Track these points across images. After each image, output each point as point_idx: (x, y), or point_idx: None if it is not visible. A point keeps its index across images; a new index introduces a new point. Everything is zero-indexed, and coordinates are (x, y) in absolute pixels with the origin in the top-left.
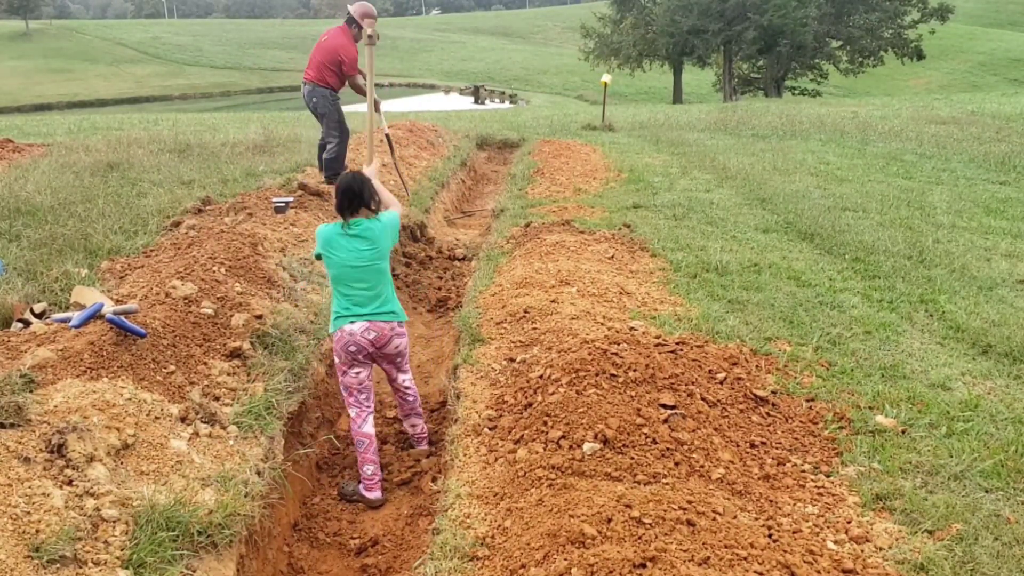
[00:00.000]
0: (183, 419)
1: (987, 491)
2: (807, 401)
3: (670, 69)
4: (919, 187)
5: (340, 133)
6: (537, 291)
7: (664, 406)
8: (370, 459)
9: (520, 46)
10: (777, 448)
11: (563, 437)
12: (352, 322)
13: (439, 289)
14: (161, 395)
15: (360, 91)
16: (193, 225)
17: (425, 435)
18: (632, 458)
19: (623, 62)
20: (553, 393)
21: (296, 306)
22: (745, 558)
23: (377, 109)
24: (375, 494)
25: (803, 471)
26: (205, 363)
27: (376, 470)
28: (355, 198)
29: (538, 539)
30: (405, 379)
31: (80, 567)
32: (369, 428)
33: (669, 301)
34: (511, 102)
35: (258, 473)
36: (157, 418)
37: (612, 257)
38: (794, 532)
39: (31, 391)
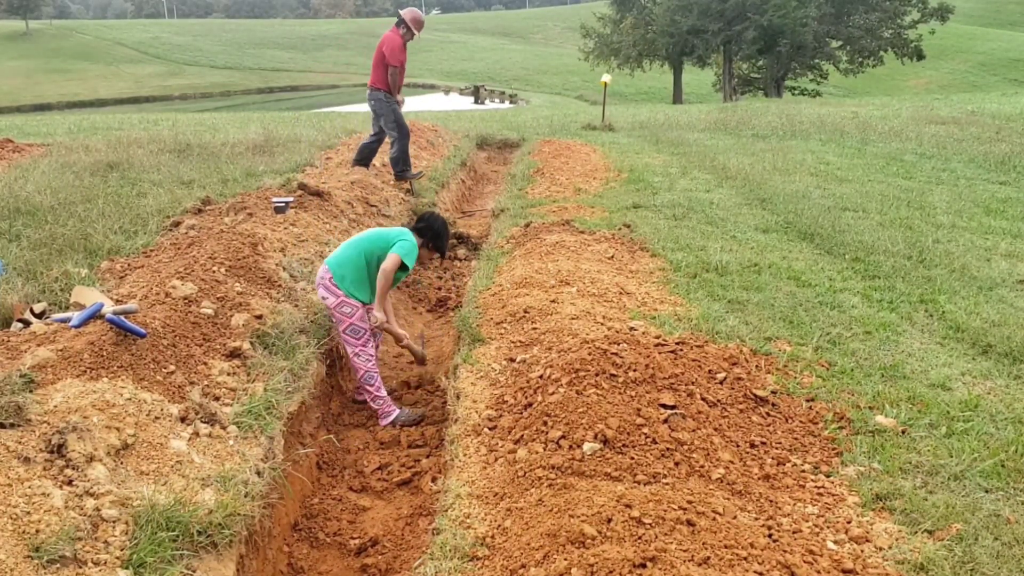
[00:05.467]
0: (183, 419)
1: (987, 491)
2: (807, 401)
3: (670, 69)
4: (919, 187)
5: (399, 131)
6: (537, 291)
7: (664, 406)
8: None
9: (520, 46)
10: (777, 448)
11: (563, 437)
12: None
13: (439, 289)
14: (161, 395)
15: (396, 85)
16: (193, 225)
17: (377, 410)
18: (632, 458)
19: (623, 62)
20: (553, 393)
21: (296, 306)
22: (745, 558)
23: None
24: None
25: (803, 471)
26: (205, 363)
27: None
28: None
29: (538, 539)
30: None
31: (80, 567)
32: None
33: (669, 301)
34: (511, 102)
35: (258, 473)
36: (157, 418)
37: (612, 257)
38: (794, 532)
39: (31, 391)
